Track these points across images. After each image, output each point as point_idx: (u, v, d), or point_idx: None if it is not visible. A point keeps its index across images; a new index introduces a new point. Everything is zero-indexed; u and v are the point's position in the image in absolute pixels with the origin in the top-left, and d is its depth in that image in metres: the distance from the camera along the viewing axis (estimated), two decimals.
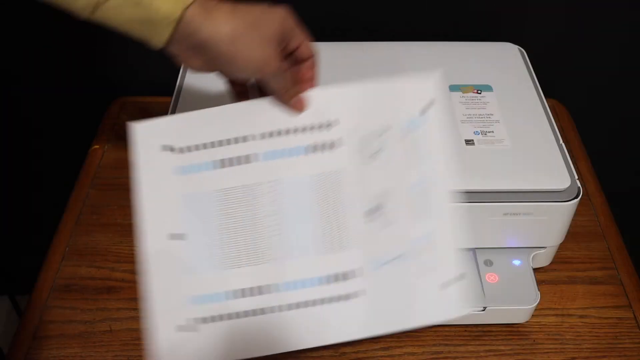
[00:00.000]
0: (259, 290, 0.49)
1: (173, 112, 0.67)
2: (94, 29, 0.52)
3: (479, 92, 0.72)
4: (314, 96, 0.51)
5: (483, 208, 0.62)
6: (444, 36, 0.85)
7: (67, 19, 0.96)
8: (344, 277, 0.50)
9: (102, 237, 0.75)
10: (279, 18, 0.50)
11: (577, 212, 0.64)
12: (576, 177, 0.63)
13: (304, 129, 0.50)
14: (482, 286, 0.65)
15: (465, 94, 0.72)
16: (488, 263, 0.66)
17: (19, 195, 1.15)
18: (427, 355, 0.65)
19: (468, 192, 0.61)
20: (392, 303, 0.51)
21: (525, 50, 0.79)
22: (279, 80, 0.50)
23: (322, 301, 0.49)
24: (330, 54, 0.77)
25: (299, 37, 0.52)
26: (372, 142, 0.50)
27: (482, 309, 0.64)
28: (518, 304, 0.64)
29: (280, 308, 0.50)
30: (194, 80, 0.71)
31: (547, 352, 0.65)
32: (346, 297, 0.50)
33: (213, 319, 0.49)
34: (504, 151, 0.65)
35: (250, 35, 0.47)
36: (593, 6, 0.88)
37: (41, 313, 0.68)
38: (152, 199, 0.50)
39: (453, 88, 0.72)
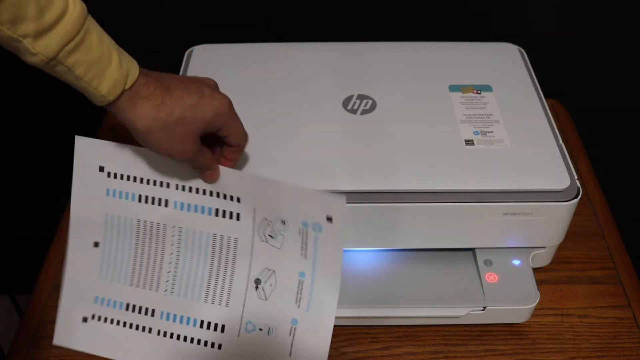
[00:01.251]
0: (146, 311, 0.58)
1: None
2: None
3: (479, 92, 0.72)
4: (226, 173, 0.56)
5: (483, 208, 0.62)
6: (444, 36, 0.85)
7: None
8: (213, 327, 0.57)
9: None
10: (212, 111, 0.51)
11: (577, 212, 0.64)
12: (576, 177, 0.63)
13: (217, 194, 0.56)
14: (481, 286, 0.65)
15: (465, 94, 0.72)
16: (488, 263, 0.66)
17: (19, 195, 1.15)
18: (427, 355, 0.65)
19: (468, 192, 0.61)
20: None
21: (525, 50, 0.79)
22: (195, 161, 0.53)
23: (187, 339, 0.58)
24: (328, 55, 0.78)
25: (230, 128, 0.54)
26: (270, 226, 0.56)
27: (482, 308, 0.64)
28: (518, 303, 0.64)
29: (155, 331, 0.58)
30: None
31: (547, 352, 0.65)
32: (206, 343, 0.58)
33: (107, 320, 0.59)
34: (504, 151, 0.65)
35: (166, 134, 0.50)
36: (593, 6, 0.88)
37: (41, 313, 0.68)
38: (81, 207, 0.58)
39: (453, 88, 0.72)
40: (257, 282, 0.56)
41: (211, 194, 0.56)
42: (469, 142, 0.66)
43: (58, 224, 0.77)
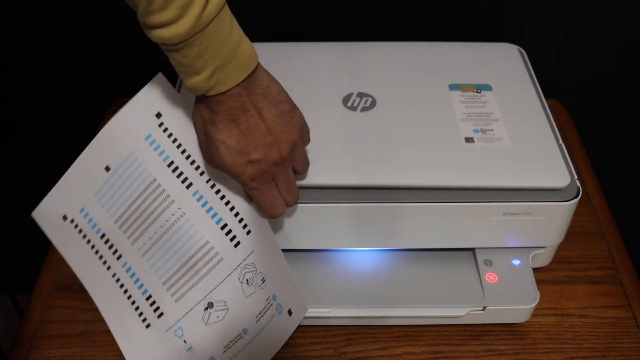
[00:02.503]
0: (115, 251, 0.59)
1: None
2: (94, 29, 0.52)
3: (479, 91, 0.72)
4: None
5: (483, 208, 0.62)
6: (444, 36, 0.85)
7: (68, 19, 0.96)
8: (155, 308, 0.58)
9: None
10: (289, 146, 0.52)
11: (577, 212, 0.64)
12: (575, 176, 0.63)
13: (236, 213, 0.57)
14: (481, 286, 0.65)
15: (464, 93, 0.72)
16: (488, 263, 0.66)
17: (19, 195, 1.15)
18: (427, 355, 0.65)
19: (467, 191, 0.61)
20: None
21: (525, 50, 0.79)
22: (257, 189, 0.53)
23: (130, 298, 0.59)
24: (328, 54, 0.78)
25: (298, 161, 0.56)
26: (253, 275, 0.57)
27: (482, 308, 0.64)
28: (518, 303, 0.64)
29: (112, 273, 0.59)
30: None
31: (547, 352, 0.65)
32: (141, 314, 0.59)
33: (81, 232, 0.60)
34: (504, 149, 0.65)
35: (231, 151, 0.50)
36: (593, 6, 0.88)
37: (42, 313, 0.68)
38: (115, 132, 0.58)
39: (453, 87, 0.72)
40: (210, 305, 0.57)
41: (232, 209, 0.56)
42: (469, 140, 0.66)
43: None
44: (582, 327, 0.67)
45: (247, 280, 0.57)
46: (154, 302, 0.58)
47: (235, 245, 0.56)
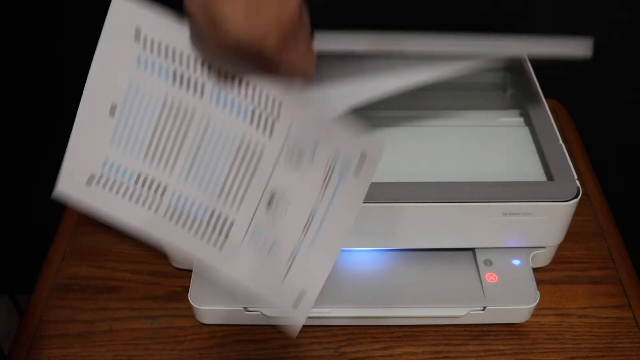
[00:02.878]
0: (157, 188, 0.54)
1: None
2: (95, 29, 0.52)
3: None
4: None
5: (483, 208, 0.62)
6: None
7: (68, 19, 0.96)
8: (221, 223, 0.54)
9: (102, 237, 0.75)
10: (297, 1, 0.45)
11: (577, 212, 0.64)
12: (575, 177, 0.63)
13: (257, 101, 0.52)
14: (481, 286, 0.65)
15: None
16: (488, 263, 0.66)
17: (19, 194, 1.15)
18: (427, 355, 0.65)
19: (467, 191, 0.61)
20: (242, 271, 0.55)
21: None
22: (280, 56, 0.47)
23: (192, 228, 0.54)
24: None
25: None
26: (300, 148, 0.53)
27: (482, 308, 0.64)
28: (518, 303, 0.64)
29: (162, 211, 0.55)
30: None
31: (547, 352, 0.65)
32: (209, 239, 0.54)
33: (113, 187, 0.55)
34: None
35: (242, 22, 0.43)
36: (593, 6, 0.88)
37: (42, 313, 0.68)
38: (103, 70, 0.54)
39: None
40: (272, 197, 0.53)
41: (254, 91, 0.52)
42: None
43: (58, 224, 0.77)
44: (582, 327, 0.67)
45: (296, 156, 0.53)
46: (218, 218, 0.54)
47: (272, 126, 0.53)
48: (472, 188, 0.61)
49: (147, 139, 0.54)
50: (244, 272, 0.54)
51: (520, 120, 0.71)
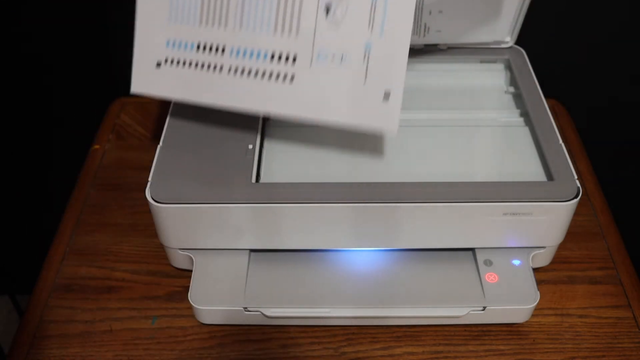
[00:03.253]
0: (216, 49, 0.58)
1: (173, 112, 0.67)
2: (94, 29, 0.53)
3: None
4: None
5: (483, 208, 0.62)
6: None
7: (67, 19, 0.96)
8: (285, 58, 0.56)
9: (102, 237, 0.75)
10: None
11: (577, 212, 0.64)
12: (575, 176, 0.63)
13: None
14: (481, 286, 0.65)
15: None
16: (488, 263, 0.66)
17: (19, 194, 1.15)
18: (427, 355, 0.65)
19: (467, 191, 0.61)
20: (321, 95, 0.57)
21: (525, 50, 0.79)
22: None
23: (258, 73, 0.57)
24: None
25: None
26: None
27: (482, 308, 0.64)
28: (518, 303, 0.64)
29: (227, 68, 0.58)
30: None
31: (547, 352, 0.65)
32: (278, 76, 0.57)
33: (179, 62, 0.60)
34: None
35: None
36: (593, 6, 0.88)
37: (41, 313, 0.68)
38: None
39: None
40: (328, 6, 0.54)
41: None
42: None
43: (58, 224, 0.77)
44: (582, 327, 0.67)
45: None
46: (280, 56, 0.56)
47: None
48: (472, 188, 0.61)
49: (198, 5, 0.58)
50: (320, 89, 0.56)
51: (520, 120, 0.71)
